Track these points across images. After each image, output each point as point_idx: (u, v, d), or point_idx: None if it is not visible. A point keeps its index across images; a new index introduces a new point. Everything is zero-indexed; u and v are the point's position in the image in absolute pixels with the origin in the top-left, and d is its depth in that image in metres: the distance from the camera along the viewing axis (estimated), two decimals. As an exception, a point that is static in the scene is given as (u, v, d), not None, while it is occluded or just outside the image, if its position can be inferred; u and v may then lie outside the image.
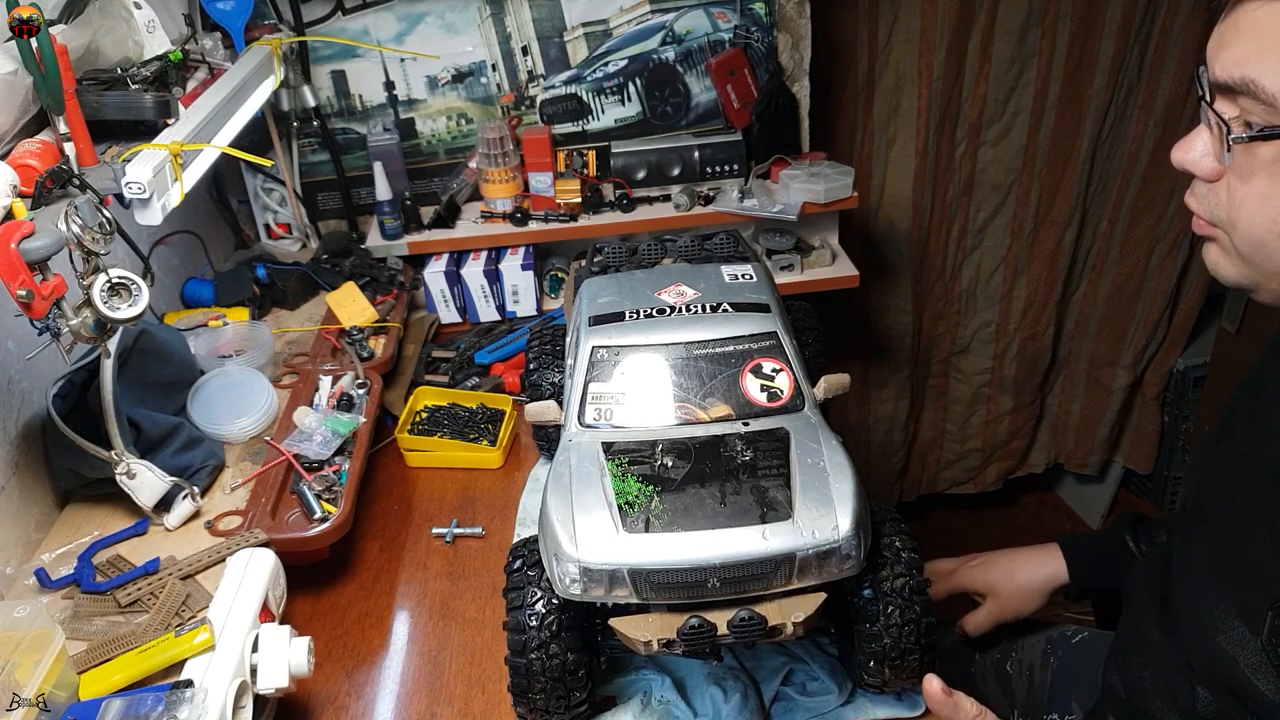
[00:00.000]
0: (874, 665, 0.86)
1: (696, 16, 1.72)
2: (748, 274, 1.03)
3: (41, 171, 0.89)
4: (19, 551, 1.08)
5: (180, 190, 1.08)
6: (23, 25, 0.85)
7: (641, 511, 0.80)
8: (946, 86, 2.01)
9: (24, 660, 0.80)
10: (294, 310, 1.63)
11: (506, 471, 1.34)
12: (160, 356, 1.24)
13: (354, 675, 1.04)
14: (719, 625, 0.78)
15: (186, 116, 1.14)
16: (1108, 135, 2.12)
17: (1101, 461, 2.58)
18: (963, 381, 2.49)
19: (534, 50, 1.73)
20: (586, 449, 0.86)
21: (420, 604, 1.13)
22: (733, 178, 1.76)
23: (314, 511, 1.11)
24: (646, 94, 1.78)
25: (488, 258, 1.68)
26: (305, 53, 1.68)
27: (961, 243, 2.26)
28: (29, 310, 0.85)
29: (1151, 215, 2.20)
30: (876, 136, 2.10)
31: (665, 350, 0.92)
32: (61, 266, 0.90)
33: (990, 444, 2.57)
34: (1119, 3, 1.95)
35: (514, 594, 0.86)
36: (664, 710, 0.96)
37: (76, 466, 1.10)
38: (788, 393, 0.91)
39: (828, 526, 0.78)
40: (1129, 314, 2.34)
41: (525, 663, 0.84)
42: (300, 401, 1.30)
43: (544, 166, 1.70)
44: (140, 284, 0.94)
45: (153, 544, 1.09)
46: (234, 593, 0.94)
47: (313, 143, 1.76)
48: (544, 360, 1.18)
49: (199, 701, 0.81)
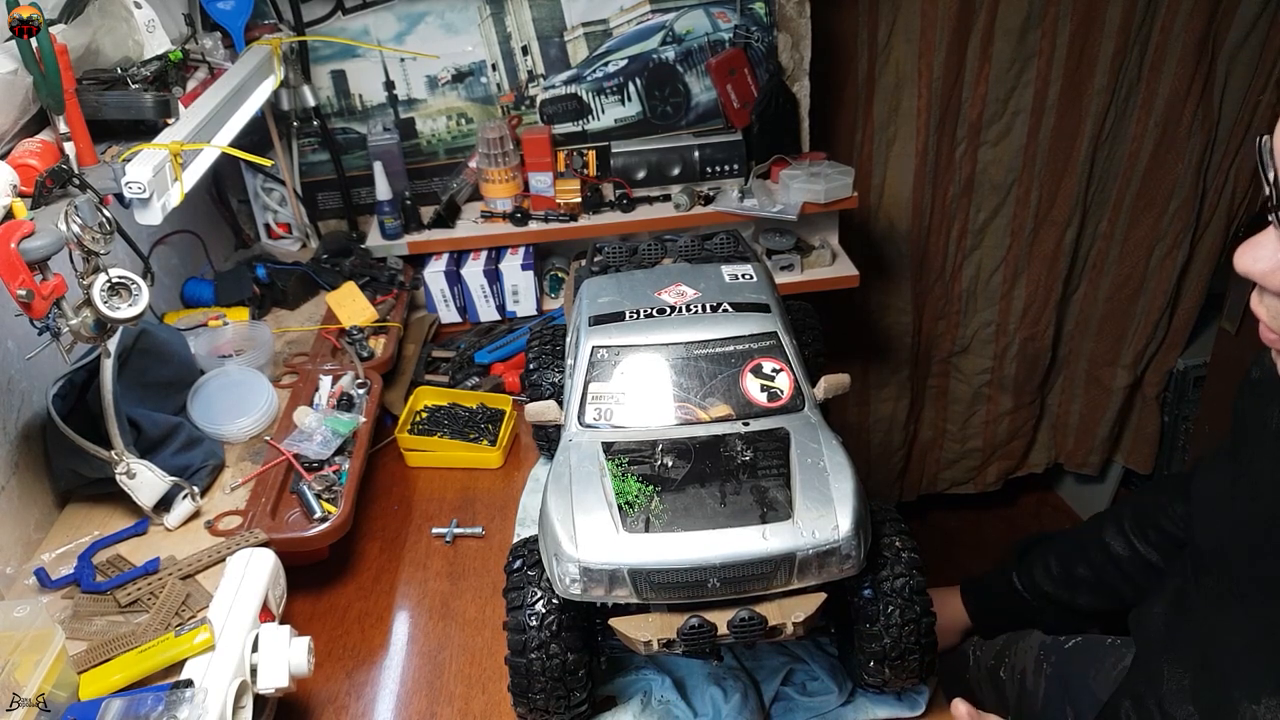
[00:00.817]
0: (874, 665, 0.86)
1: (696, 16, 1.72)
2: (748, 274, 1.03)
3: (41, 171, 0.89)
4: (19, 551, 1.08)
5: (180, 190, 1.08)
6: (23, 25, 0.85)
7: (641, 511, 0.79)
8: (946, 86, 2.01)
9: (24, 660, 0.80)
10: (294, 310, 1.62)
11: (506, 471, 1.34)
12: (160, 356, 1.24)
13: (354, 675, 1.04)
14: (719, 625, 0.78)
15: (186, 116, 1.14)
16: (1108, 135, 2.12)
17: (1101, 461, 2.58)
18: (963, 381, 2.49)
19: (534, 50, 1.73)
20: (587, 449, 0.86)
21: (420, 604, 1.13)
22: (733, 178, 1.76)
23: (314, 511, 1.11)
24: (646, 94, 1.78)
25: (488, 258, 1.68)
26: (305, 52, 1.68)
27: (961, 243, 2.26)
28: (29, 310, 0.85)
29: (1151, 215, 2.20)
30: (876, 136, 2.10)
31: (665, 350, 0.92)
32: (61, 266, 0.90)
33: (990, 444, 2.57)
34: (1119, 3, 1.94)
35: (514, 594, 0.86)
36: (664, 710, 0.96)
37: (76, 466, 1.10)
38: (788, 393, 0.91)
39: (828, 526, 0.78)
40: (1129, 314, 2.34)
41: (525, 663, 0.84)
42: (300, 401, 1.30)
43: (544, 166, 1.70)
44: (140, 284, 0.94)
45: (153, 544, 1.09)
46: (234, 593, 0.94)
47: (313, 142, 1.76)
48: (544, 360, 1.18)
49: (199, 701, 0.81)
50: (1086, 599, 1.25)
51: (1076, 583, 1.25)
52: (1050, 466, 2.65)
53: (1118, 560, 1.21)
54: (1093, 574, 1.24)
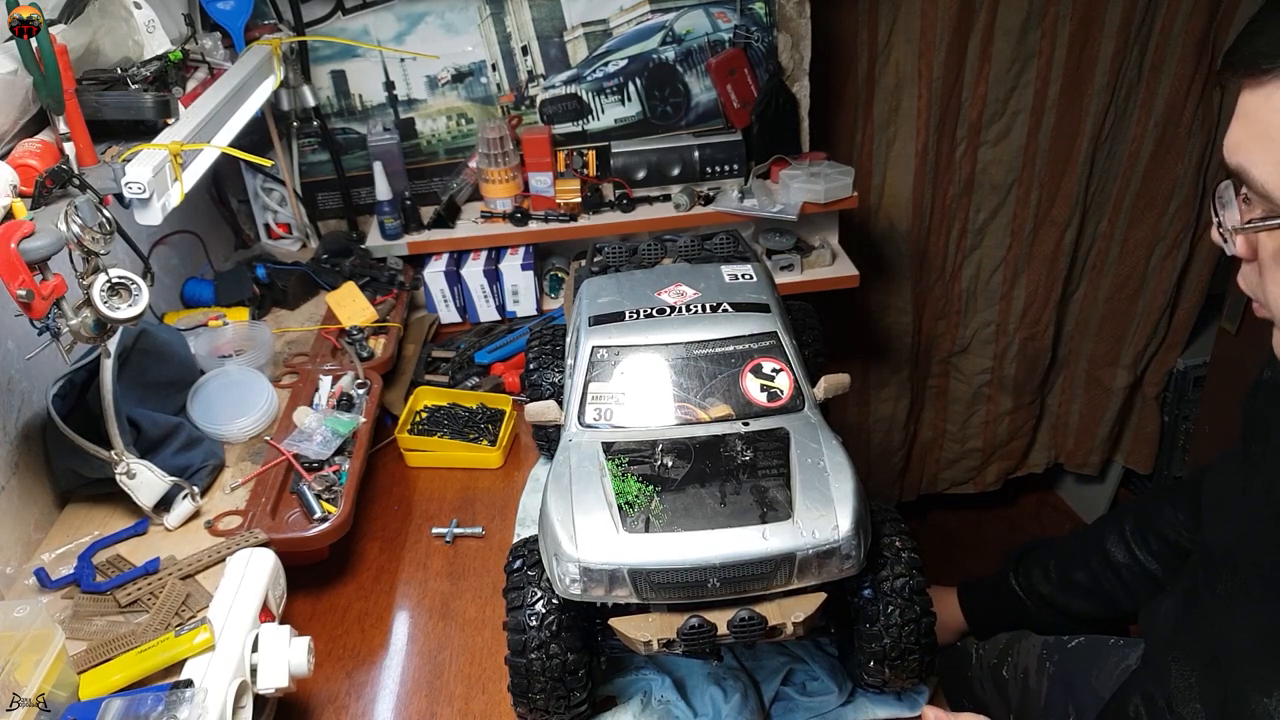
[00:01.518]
0: (874, 665, 0.86)
1: (696, 16, 1.72)
2: (748, 274, 1.03)
3: (41, 171, 0.89)
4: (19, 551, 1.08)
5: (180, 190, 1.08)
6: (23, 25, 0.85)
7: (641, 511, 0.79)
8: (946, 86, 2.01)
9: (24, 660, 0.80)
10: (294, 310, 1.62)
11: (506, 471, 1.34)
12: (160, 356, 1.24)
13: (354, 675, 1.04)
14: (719, 625, 0.78)
15: (186, 116, 1.14)
16: (1108, 135, 2.12)
17: (1101, 461, 2.58)
18: (963, 381, 2.49)
19: (534, 50, 1.73)
20: (587, 449, 0.86)
21: (420, 604, 1.13)
22: (733, 178, 1.76)
23: (314, 511, 1.11)
24: (646, 94, 1.78)
25: (488, 258, 1.68)
26: (305, 53, 1.68)
27: (961, 243, 2.26)
28: (29, 310, 0.85)
29: (1151, 215, 2.20)
30: (876, 136, 2.10)
31: (665, 350, 0.92)
32: (61, 266, 0.90)
33: (990, 444, 2.57)
34: (1119, 3, 1.94)
35: (514, 594, 0.86)
36: (664, 710, 0.96)
37: (76, 466, 1.10)
38: (788, 393, 0.91)
39: (828, 526, 0.78)
40: (1129, 314, 2.34)
41: (525, 663, 0.84)
42: (300, 401, 1.30)
43: (544, 166, 1.70)
44: (140, 284, 0.94)
45: (153, 544, 1.09)
46: (234, 593, 0.94)
47: (313, 143, 1.76)
48: (544, 360, 1.18)
49: (199, 701, 0.81)
50: (1081, 605, 1.25)
51: (1073, 587, 1.25)
52: (1050, 466, 2.65)
53: (1117, 568, 1.21)
54: (1090, 580, 1.24)
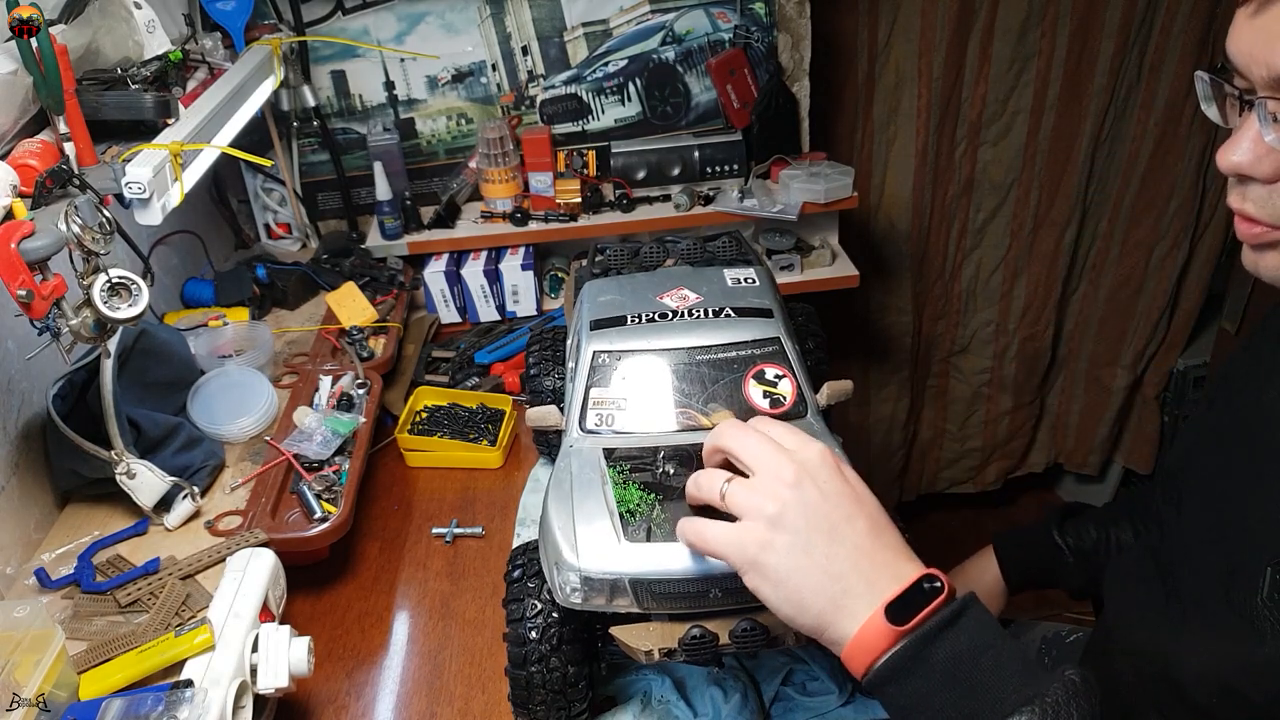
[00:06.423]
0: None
1: (696, 16, 1.72)
2: (750, 278, 1.02)
3: (41, 171, 0.89)
4: (19, 551, 1.08)
5: (180, 190, 1.07)
6: (23, 25, 0.85)
7: (643, 520, 0.79)
8: (946, 86, 2.01)
9: (24, 660, 0.79)
10: (294, 310, 1.62)
11: (506, 471, 1.34)
12: (160, 356, 1.24)
13: (354, 675, 1.04)
14: (721, 635, 0.77)
15: (186, 116, 1.14)
16: (1108, 135, 2.12)
17: (1101, 461, 2.58)
18: (963, 381, 2.49)
19: (534, 50, 1.73)
20: (588, 455, 0.86)
21: (420, 604, 1.13)
22: (733, 178, 1.76)
23: (314, 511, 1.11)
24: (646, 94, 1.77)
25: (488, 258, 1.68)
26: (305, 53, 1.67)
27: (961, 242, 2.26)
28: (29, 310, 0.85)
29: (1151, 215, 2.20)
30: (876, 136, 2.10)
31: (667, 355, 0.92)
32: (61, 266, 0.89)
33: (990, 444, 2.57)
34: (1119, 3, 1.94)
35: (514, 605, 0.85)
36: (664, 710, 0.96)
37: (76, 466, 1.10)
38: (790, 399, 0.90)
39: (828, 530, 0.78)
40: (1129, 314, 2.34)
41: (526, 675, 0.84)
42: (300, 401, 1.30)
43: (544, 166, 1.70)
44: (140, 284, 0.93)
45: (153, 544, 1.09)
46: (234, 593, 0.94)
47: (313, 143, 1.75)
48: (544, 365, 1.18)
49: (199, 701, 0.81)
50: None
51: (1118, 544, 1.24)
52: (1050, 466, 2.66)
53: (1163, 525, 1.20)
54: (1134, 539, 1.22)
